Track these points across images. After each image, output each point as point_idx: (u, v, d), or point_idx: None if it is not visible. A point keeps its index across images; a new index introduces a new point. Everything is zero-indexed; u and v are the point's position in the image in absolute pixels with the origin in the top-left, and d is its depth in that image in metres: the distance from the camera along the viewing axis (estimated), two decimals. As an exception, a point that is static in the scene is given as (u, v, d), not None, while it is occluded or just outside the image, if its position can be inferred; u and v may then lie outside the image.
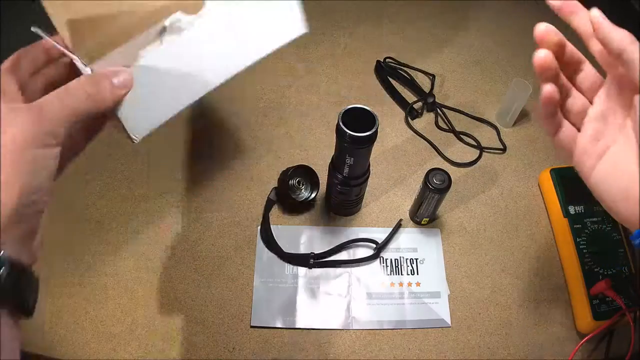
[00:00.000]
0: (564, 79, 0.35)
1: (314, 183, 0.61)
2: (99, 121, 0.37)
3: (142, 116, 0.37)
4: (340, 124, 0.45)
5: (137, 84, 0.35)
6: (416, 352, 0.52)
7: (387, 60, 0.78)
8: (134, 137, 0.37)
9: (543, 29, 0.33)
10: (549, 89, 0.33)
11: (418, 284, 0.56)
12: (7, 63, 0.35)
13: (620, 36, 0.29)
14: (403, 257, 0.58)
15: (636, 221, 0.31)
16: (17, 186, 0.29)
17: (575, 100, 0.35)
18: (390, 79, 0.75)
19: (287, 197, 0.59)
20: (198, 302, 0.54)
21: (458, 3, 0.88)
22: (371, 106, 0.47)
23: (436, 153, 0.68)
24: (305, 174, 0.61)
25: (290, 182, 0.59)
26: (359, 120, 0.46)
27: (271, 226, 0.59)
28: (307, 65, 0.76)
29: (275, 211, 0.61)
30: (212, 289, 0.55)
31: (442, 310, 0.55)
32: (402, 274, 0.57)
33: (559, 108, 0.34)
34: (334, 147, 0.51)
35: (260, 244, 0.58)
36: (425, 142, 0.69)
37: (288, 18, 0.44)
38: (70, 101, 0.32)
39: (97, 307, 0.53)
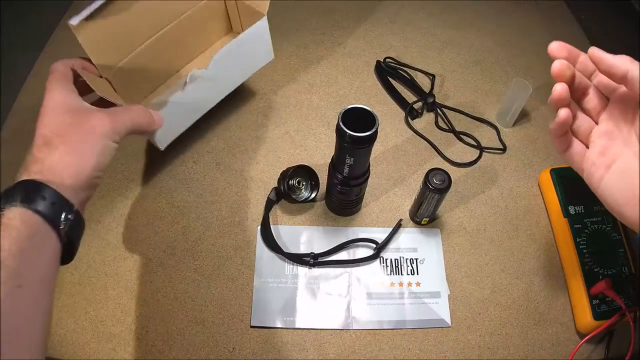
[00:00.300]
0: (572, 102, 0.39)
1: (314, 183, 0.61)
2: None
3: (166, 132, 0.55)
4: (340, 124, 0.45)
5: (164, 113, 0.51)
6: (416, 352, 0.52)
7: (387, 60, 0.78)
8: (160, 146, 0.56)
9: (558, 66, 0.36)
10: (563, 113, 0.37)
11: (418, 284, 0.56)
12: (60, 67, 0.47)
13: (621, 60, 0.34)
14: (403, 257, 0.58)
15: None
16: (92, 161, 0.41)
17: (582, 121, 0.39)
18: (390, 79, 0.75)
19: (287, 197, 0.59)
20: (198, 302, 0.54)
21: (458, 3, 0.88)
22: (371, 106, 0.47)
23: (436, 153, 0.68)
24: (305, 174, 0.61)
25: (290, 182, 0.59)
26: (359, 120, 0.45)
27: (271, 226, 0.59)
28: (307, 65, 0.76)
29: (275, 211, 0.61)
30: (212, 289, 0.55)
31: (442, 310, 0.55)
32: (402, 274, 0.57)
33: (569, 128, 0.39)
34: (334, 147, 0.51)
35: (260, 244, 0.58)
36: (425, 142, 0.69)
37: (263, 53, 0.62)
38: (131, 116, 0.46)
39: (97, 307, 0.53)
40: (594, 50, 0.35)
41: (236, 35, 0.63)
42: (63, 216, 0.38)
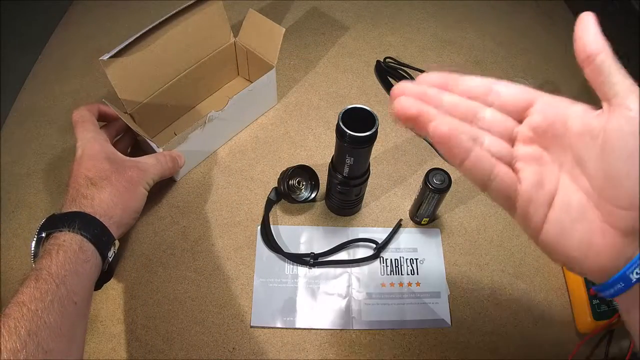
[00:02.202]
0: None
1: (314, 183, 0.61)
2: None
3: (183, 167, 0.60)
4: (340, 124, 0.45)
5: (183, 148, 0.58)
6: (416, 352, 0.52)
7: (387, 60, 0.78)
8: (176, 178, 0.62)
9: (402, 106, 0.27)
10: (404, 101, 0.27)
11: (418, 284, 0.56)
12: (85, 114, 0.52)
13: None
14: (403, 257, 0.58)
15: (602, 274, 0.26)
16: (135, 204, 0.49)
17: (493, 143, 0.27)
18: (390, 79, 0.75)
19: (287, 197, 0.59)
20: (198, 302, 0.54)
21: (459, 3, 0.88)
22: (371, 106, 0.47)
23: (436, 153, 0.68)
24: (305, 174, 0.61)
25: (290, 182, 0.59)
26: (359, 120, 0.45)
27: (271, 226, 0.59)
28: (307, 65, 0.76)
29: (275, 211, 0.61)
30: (212, 289, 0.55)
31: (442, 310, 0.55)
32: (402, 274, 0.57)
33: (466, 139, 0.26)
34: (334, 147, 0.51)
35: (260, 244, 0.58)
36: (426, 142, 0.69)
37: (270, 99, 0.70)
38: (159, 167, 0.53)
39: (97, 307, 0.53)
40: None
41: (242, 79, 0.74)
42: (111, 250, 0.45)
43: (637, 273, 0.24)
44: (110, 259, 0.45)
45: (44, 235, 0.42)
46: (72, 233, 0.41)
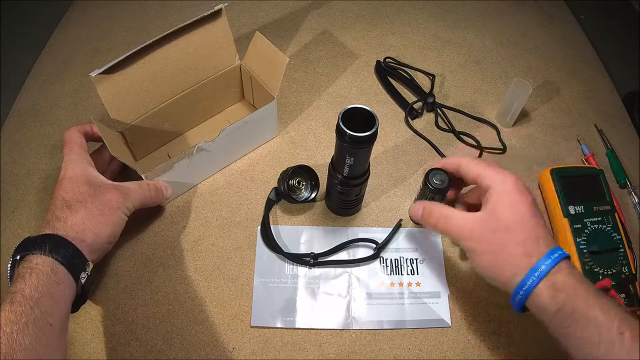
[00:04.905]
0: None
1: (314, 183, 0.61)
2: None
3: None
4: (340, 124, 0.45)
5: (168, 177, 0.56)
6: (416, 352, 0.52)
7: (387, 60, 0.78)
8: (162, 204, 0.60)
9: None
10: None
11: (418, 284, 0.56)
12: (74, 135, 0.51)
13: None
14: (403, 257, 0.58)
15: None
16: (108, 230, 0.48)
17: None
18: (390, 79, 0.75)
19: (287, 197, 0.59)
20: (198, 302, 0.54)
21: (458, 3, 0.88)
22: (371, 106, 0.47)
23: (436, 153, 0.68)
24: (305, 174, 0.61)
25: (290, 182, 0.59)
26: (359, 120, 0.45)
27: (271, 226, 0.59)
28: (307, 65, 0.76)
29: (275, 211, 0.61)
30: (212, 289, 0.55)
31: (442, 310, 0.55)
32: (402, 274, 0.57)
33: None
34: (334, 147, 0.51)
35: (260, 244, 0.58)
36: (425, 142, 0.69)
37: (269, 131, 0.65)
38: (142, 194, 0.52)
39: (97, 307, 0.53)
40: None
41: (247, 103, 0.70)
42: (83, 272, 0.44)
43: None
44: (83, 282, 0.44)
45: (18, 257, 0.42)
46: (44, 256, 0.41)
